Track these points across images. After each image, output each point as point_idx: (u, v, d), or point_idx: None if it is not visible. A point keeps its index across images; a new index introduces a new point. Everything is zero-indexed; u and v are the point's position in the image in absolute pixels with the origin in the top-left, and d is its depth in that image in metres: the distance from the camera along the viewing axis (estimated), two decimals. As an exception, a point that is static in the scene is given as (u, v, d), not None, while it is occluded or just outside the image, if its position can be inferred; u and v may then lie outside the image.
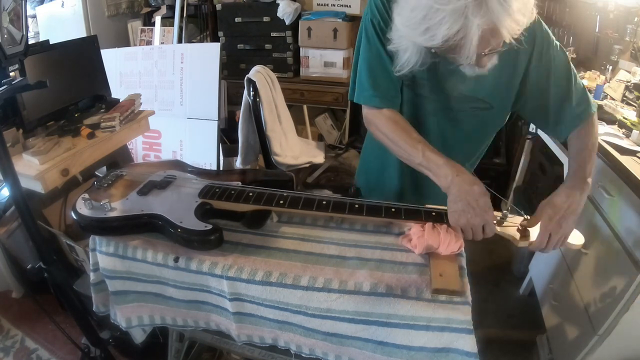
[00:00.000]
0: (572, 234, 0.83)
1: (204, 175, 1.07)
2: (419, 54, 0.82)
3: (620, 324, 1.16)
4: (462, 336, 0.72)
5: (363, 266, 0.81)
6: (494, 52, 0.76)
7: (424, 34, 0.73)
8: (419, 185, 1.13)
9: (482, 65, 0.79)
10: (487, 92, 0.97)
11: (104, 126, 1.57)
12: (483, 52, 0.74)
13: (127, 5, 2.98)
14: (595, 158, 0.94)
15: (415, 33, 0.74)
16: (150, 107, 1.93)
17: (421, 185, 1.13)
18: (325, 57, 2.72)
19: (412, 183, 1.14)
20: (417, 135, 0.90)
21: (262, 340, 0.88)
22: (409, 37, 0.78)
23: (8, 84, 0.92)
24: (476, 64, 0.77)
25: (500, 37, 0.72)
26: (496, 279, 2.08)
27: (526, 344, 1.69)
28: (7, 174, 0.96)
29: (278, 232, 0.92)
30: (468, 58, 0.74)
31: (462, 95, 0.96)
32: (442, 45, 0.72)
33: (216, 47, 2.37)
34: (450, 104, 0.99)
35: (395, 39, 0.84)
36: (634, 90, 1.77)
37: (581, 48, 2.34)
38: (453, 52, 0.75)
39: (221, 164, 2.47)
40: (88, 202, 0.92)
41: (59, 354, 1.64)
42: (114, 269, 0.91)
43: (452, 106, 0.99)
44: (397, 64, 0.87)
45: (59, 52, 1.56)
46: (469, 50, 0.71)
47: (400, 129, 0.91)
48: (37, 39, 2.73)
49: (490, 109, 1.00)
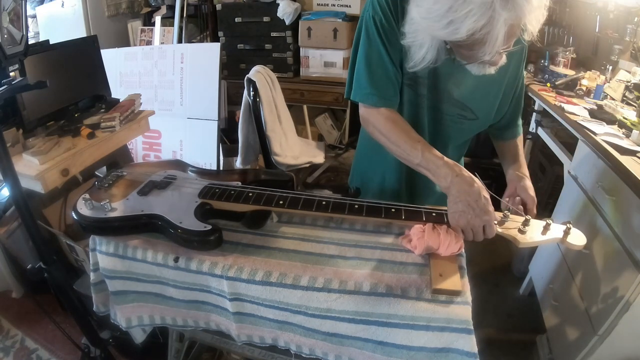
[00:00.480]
0: (574, 234, 0.83)
1: (204, 175, 1.07)
2: (435, 50, 0.79)
3: (620, 324, 1.16)
4: (462, 336, 0.72)
5: (363, 266, 0.81)
6: (508, 50, 0.75)
7: (447, 27, 0.70)
8: (415, 187, 1.14)
9: (495, 64, 0.78)
10: (476, 103, 0.98)
11: (104, 126, 1.57)
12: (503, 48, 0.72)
13: (127, 5, 2.98)
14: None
15: (437, 26, 0.71)
16: (150, 107, 1.93)
17: (418, 186, 1.13)
18: (325, 57, 2.72)
19: (409, 184, 1.14)
20: (416, 135, 0.89)
21: (262, 340, 0.88)
22: (429, 31, 0.75)
23: (8, 84, 0.92)
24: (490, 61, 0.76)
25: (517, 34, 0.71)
26: (496, 279, 2.08)
27: (526, 344, 1.69)
28: (7, 174, 0.96)
29: (278, 232, 0.92)
30: (489, 54, 0.71)
31: (453, 100, 0.96)
32: (465, 39, 0.70)
33: (216, 47, 2.37)
34: (441, 106, 0.98)
35: (411, 32, 0.80)
36: (634, 90, 1.77)
37: (581, 48, 2.34)
38: (472, 48, 0.72)
39: (221, 164, 2.47)
40: (89, 202, 0.92)
41: (59, 354, 1.64)
42: (114, 269, 0.91)
43: (442, 108, 0.98)
44: (411, 60, 0.84)
45: (59, 52, 1.56)
46: (493, 46, 0.69)
47: (399, 128, 0.90)
48: (37, 39, 2.73)
49: (474, 120, 1.01)
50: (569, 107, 1.77)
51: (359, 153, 1.25)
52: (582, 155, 1.56)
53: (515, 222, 0.85)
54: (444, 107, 0.98)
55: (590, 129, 1.51)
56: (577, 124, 1.59)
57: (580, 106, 1.81)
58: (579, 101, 1.90)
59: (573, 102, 1.88)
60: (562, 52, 2.27)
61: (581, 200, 1.50)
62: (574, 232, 0.83)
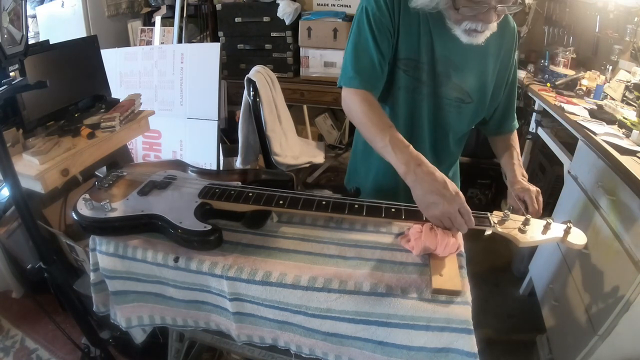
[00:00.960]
0: (574, 233, 0.83)
1: (204, 175, 1.07)
2: None
3: (620, 324, 1.16)
4: (462, 336, 0.72)
5: (363, 266, 0.81)
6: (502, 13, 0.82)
7: None
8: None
9: (489, 21, 0.83)
10: (472, 86, 1.02)
11: (104, 126, 1.57)
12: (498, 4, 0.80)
13: (127, 5, 2.98)
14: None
15: None
16: (150, 107, 1.93)
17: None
18: (325, 57, 2.72)
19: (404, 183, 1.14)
20: (387, 121, 0.89)
21: (262, 340, 0.88)
22: None
23: (8, 84, 0.92)
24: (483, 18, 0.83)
25: None
26: (496, 279, 2.08)
27: (526, 344, 1.69)
28: (7, 174, 0.96)
29: (278, 232, 0.92)
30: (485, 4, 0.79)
31: (452, 83, 1.00)
32: None
33: (216, 47, 2.37)
34: (441, 90, 1.00)
35: None
36: (634, 90, 1.77)
37: (581, 48, 2.34)
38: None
39: (221, 164, 2.47)
40: (89, 202, 0.92)
41: (59, 354, 1.64)
42: (114, 269, 0.91)
43: (441, 93, 1.01)
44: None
45: (59, 52, 1.56)
46: None
47: (373, 110, 0.90)
48: (37, 39, 2.73)
49: (470, 104, 1.05)
50: (569, 107, 1.77)
51: (354, 153, 1.26)
52: (582, 155, 1.56)
53: (515, 222, 0.85)
54: (443, 91, 1.00)
55: (590, 129, 1.51)
56: (577, 124, 1.59)
57: (580, 106, 1.81)
58: (579, 101, 1.90)
59: (573, 102, 1.88)
60: (562, 52, 2.27)
61: (581, 200, 1.50)
62: (574, 232, 0.83)
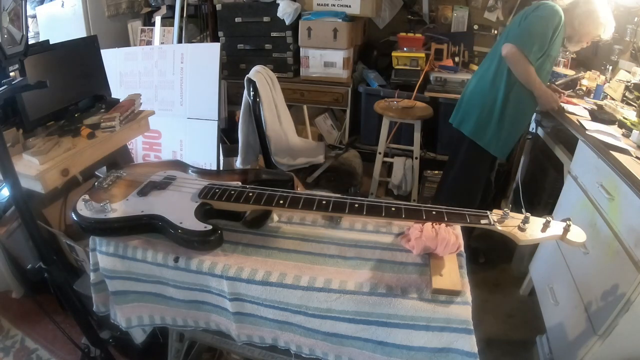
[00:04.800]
0: (574, 231, 0.83)
1: (204, 175, 1.07)
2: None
3: (620, 324, 1.16)
4: (462, 336, 0.72)
5: (363, 266, 0.81)
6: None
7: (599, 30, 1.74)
8: None
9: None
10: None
11: (104, 126, 1.57)
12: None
13: (127, 5, 2.98)
14: None
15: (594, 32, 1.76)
16: (150, 107, 1.93)
17: None
18: (325, 57, 2.71)
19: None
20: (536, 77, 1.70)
21: (262, 340, 0.88)
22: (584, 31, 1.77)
23: (8, 84, 0.92)
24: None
25: None
26: (496, 279, 2.08)
27: (526, 344, 1.69)
28: (7, 174, 0.96)
29: (278, 232, 0.92)
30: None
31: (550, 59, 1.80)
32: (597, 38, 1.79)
33: (216, 47, 2.37)
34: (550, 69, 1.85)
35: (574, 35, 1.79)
36: (634, 90, 1.77)
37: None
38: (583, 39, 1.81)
39: (221, 164, 2.47)
40: (88, 203, 0.92)
41: (59, 354, 1.64)
42: (114, 269, 0.91)
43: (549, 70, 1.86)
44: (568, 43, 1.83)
45: (59, 52, 1.56)
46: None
47: (532, 70, 1.68)
48: (37, 39, 2.73)
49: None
50: (569, 107, 1.77)
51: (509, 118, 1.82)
52: (582, 155, 1.56)
53: (515, 220, 0.85)
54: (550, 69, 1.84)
55: (586, 127, 1.52)
56: (577, 124, 1.59)
57: (580, 106, 1.81)
58: (579, 101, 1.90)
59: (573, 102, 1.88)
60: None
61: (581, 200, 1.50)
62: (573, 229, 0.83)
